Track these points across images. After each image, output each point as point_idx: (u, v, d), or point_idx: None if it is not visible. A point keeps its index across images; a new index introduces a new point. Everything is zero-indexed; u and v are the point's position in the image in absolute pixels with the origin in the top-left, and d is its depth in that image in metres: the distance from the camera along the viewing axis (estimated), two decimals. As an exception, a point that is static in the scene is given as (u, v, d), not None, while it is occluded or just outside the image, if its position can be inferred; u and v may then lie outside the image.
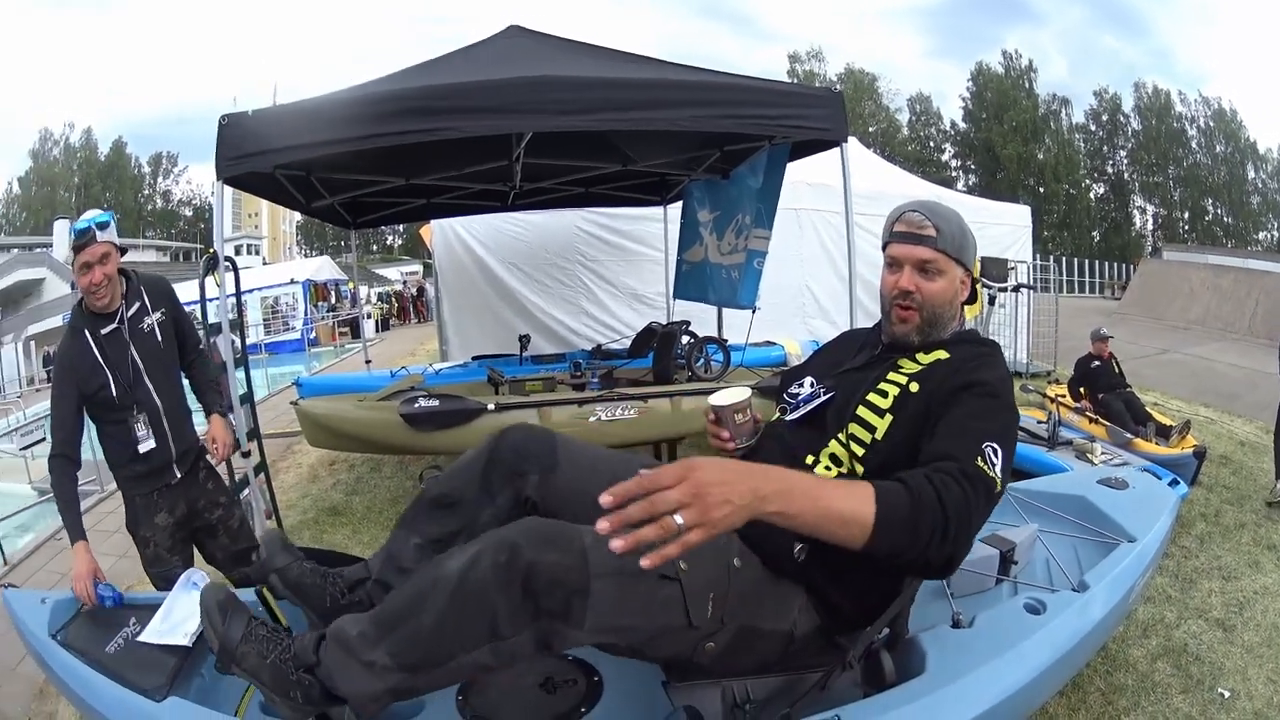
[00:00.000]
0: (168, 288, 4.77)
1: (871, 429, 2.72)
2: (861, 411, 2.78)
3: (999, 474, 2.46)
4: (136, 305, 4.47)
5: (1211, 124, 73.65)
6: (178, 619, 3.27)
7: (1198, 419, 12.87)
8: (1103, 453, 8.53)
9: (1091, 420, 10.63)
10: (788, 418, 3.03)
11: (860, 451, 2.72)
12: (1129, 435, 9.92)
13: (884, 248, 3.00)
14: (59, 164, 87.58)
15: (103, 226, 4.23)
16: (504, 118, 5.84)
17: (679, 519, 1.90)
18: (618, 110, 6.01)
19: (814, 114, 6.71)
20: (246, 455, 5.65)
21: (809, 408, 2.97)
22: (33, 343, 46.38)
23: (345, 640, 2.46)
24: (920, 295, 2.85)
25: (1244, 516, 8.29)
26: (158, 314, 4.54)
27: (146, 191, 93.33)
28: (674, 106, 6.12)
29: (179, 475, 4.59)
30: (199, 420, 4.88)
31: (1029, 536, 4.14)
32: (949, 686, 2.70)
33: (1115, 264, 56.56)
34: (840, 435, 2.78)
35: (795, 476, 2.22)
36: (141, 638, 3.11)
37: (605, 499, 1.95)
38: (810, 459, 2.82)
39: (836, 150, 7.11)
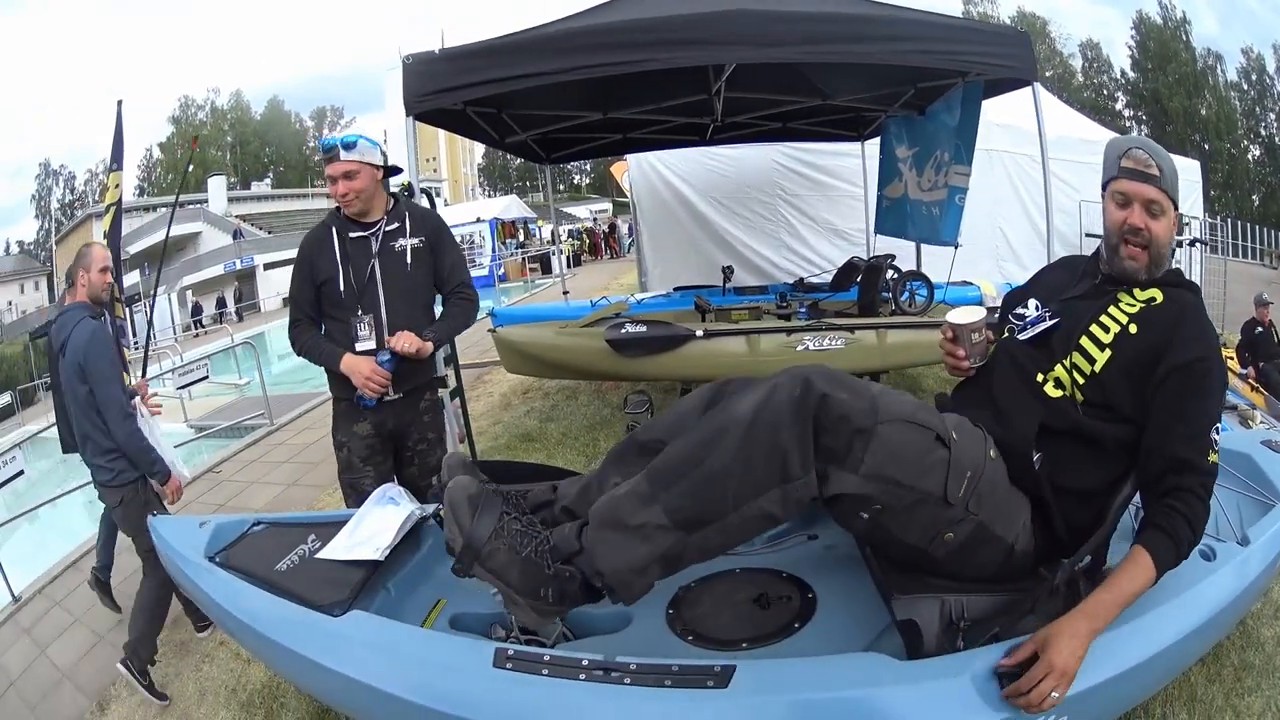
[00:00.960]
0: (438, 221, 4.94)
1: (1092, 360, 2.85)
2: (1084, 342, 2.89)
3: (1219, 446, 2.77)
4: (395, 225, 4.67)
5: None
6: (368, 533, 3.27)
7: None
8: (1262, 421, 8.48)
9: (1252, 388, 10.55)
10: (1019, 336, 3.13)
11: (1081, 380, 2.87)
12: (1287, 406, 9.61)
13: (1108, 180, 3.04)
14: (207, 125, 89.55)
15: (349, 146, 4.49)
16: (706, 49, 5.90)
17: (1055, 694, 2.43)
18: (815, 43, 6.04)
19: (1004, 52, 6.76)
20: (444, 384, 5.50)
21: (1038, 329, 3.07)
22: (189, 293, 47.71)
23: (611, 508, 2.52)
24: (1149, 233, 2.91)
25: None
26: (415, 239, 4.69)
27: (311, 144, 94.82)
28: (869, 41, 6.15)
29: (395, 394, 4.67)
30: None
31: None
32: (1125, 624, 2.76)
33: (1274, 230, 55.13)
34: (1065, 361, 2.91)
35: (1106, 599, 2.61)
36: (323, 554, 3.13)
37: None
38: (1040, 377, 2.95)
39: (1024, 92, 7.17)
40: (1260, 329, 11.63)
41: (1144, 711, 4.06)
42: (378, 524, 3.30)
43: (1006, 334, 3.23)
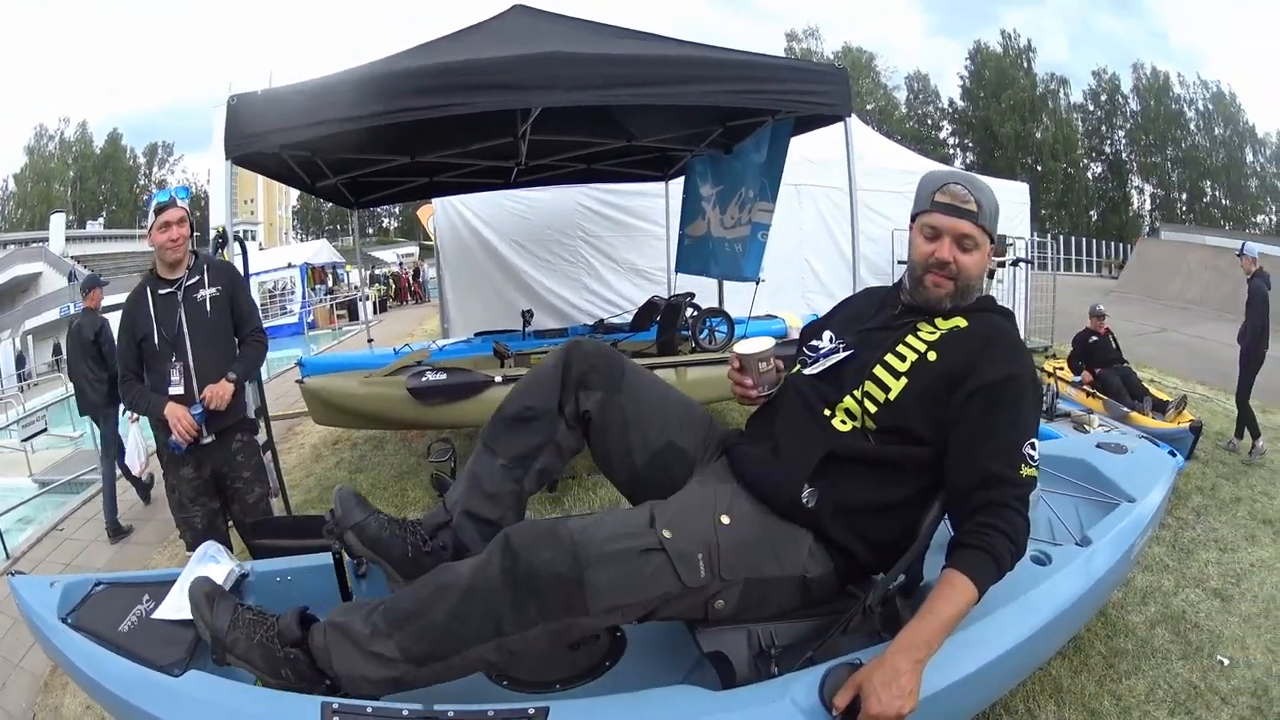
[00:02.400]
0: (232, 271, 5.53)
1: (886, 389, 2.82)
2: (879, 371, 2.87)
3: (1037, 462, 2.75)
4: (195, 278, 5.14)
5: (1210, 106, 73.42)
6: None
7: (1194, 396, 12.91)
8: (1100, 425, 8.65)
9: (1089, 394, 10.74)
10: (807, 370, 3.10)
11: (873, 409, 2.82)
12: (1125, 409, 10.00)
13: (919, 213, 3.04)
14: (55, 159, 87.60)
15: (181, 197, 5.15)
16: (513, 94, 5.91)
17: None
18: (625, 86, 6.06)
19: (818, 89, 6.80)
20: (255, 428, 5.78)
21: (829, 362, 3.04)
22: (30, 337, 46.24)
23: (351, 630, 2.57)
24: (957, 266, 2.91)
25: (1240, 491, 8.38)
26: (213, 289, 5.17)
27: (142, 182, 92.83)
28: (680, 83, 6.19)
29: (208, 436, 5.11)
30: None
31: (1032, 494, 4.16)
32: (960, 633, 2.73)
33: (1113, 243, 56.42)
34: (856, 392, 2.86)
35: (923, 628, 2.53)
36: (157, 614, 3.08)
37: None
38: (827, 411, 2.91)
39: (836, 126, 7.22)
40: (1096, 337, 11.84)
41: (1005, 709, 4.20)
42: None
43: (797, 368, 3.21)
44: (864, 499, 2.82)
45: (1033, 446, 2.73)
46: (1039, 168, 75.72)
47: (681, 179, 10.88)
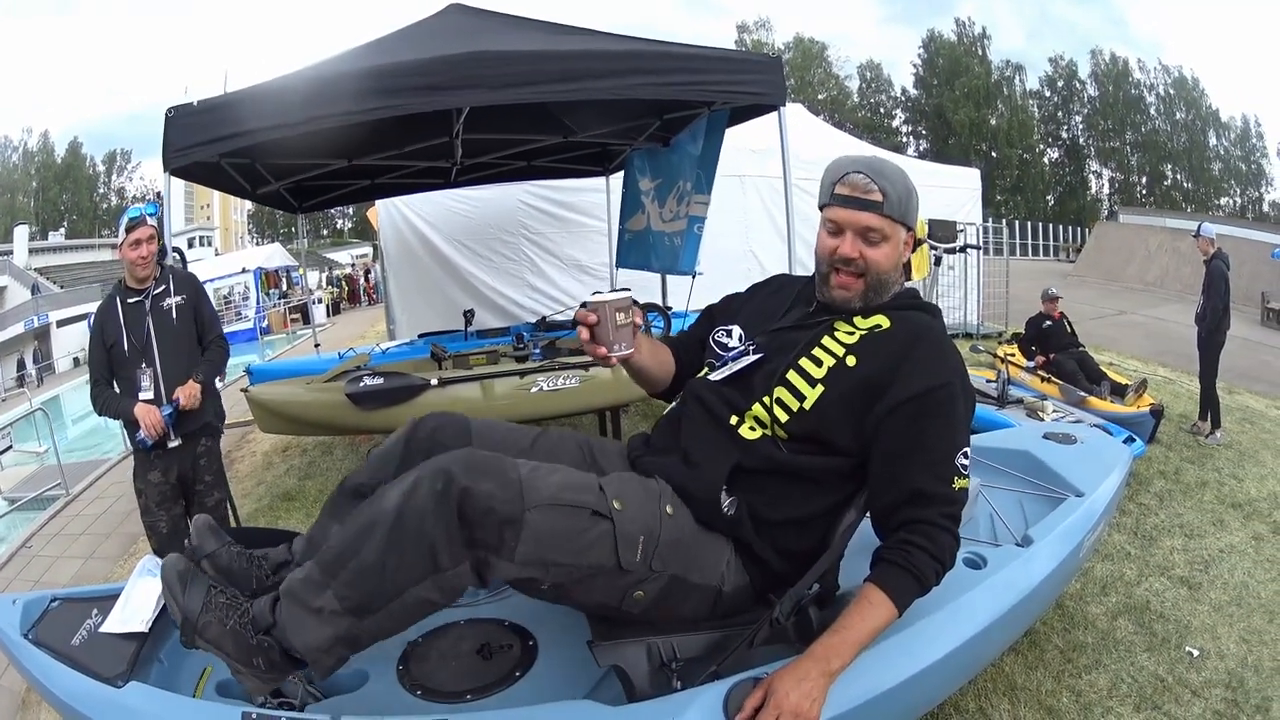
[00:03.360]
0: (195, 281, 5.82)
1: (801, 397, 2.67)
2: (792, 377, 2.71)
3: (969, 471, 2.64)
4: (162, 288, 5.45)
5: (1171, 91, 74.19)
6: (135, 605, 3.21)
7: (1155, 379, 12.94)
8: (1054, 411, 8.53)
9: (1044, 379, 10.67)
10: (712, 377, 2.94)
11: (784, 418, 2.67)
12: (1082, 394, 9.91)
13: (821, 207, 2.86)
14: (18, 170, 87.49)
15: (151, 214, 5.41)
16: (440, 94, 5.86)
17: None
18: (554, 82, 6.01)
19: (752, 79, 6.77)
20: (219, 431, 5.97)
21: (736, 367, 2.87)
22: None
23: (294, 591, 2.44)
24: (864, 262, 2.74)
25: (1206, 475, 8.28)
26: (179, 298, 5.50)
27: (101, 190, 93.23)
28: (611, 76, 6.14)
29: (175, 439, 5.38)
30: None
31: (971, 492, 3.88)
32: (881, 643, 2.64)
33: (1070, 227, 56.95)
34: (766, 399, 2.72)
35: (835, 641, 2.47)
36: (103, 628, 3.07)
37: None
38: (734, 419, 2.76)
39: (786, 118, 7.16)
40: (1050, 322, 11.77)
41: (955, 708, 4.09)
42: (142, 596, 3.25)
43: (705, 371, 3.04)
44: (781, 512, 2.70)
45: (965, 456, 2.61)
46: (994, 154, 76.52)
47: (622, 173, 10.86)
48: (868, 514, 2.76)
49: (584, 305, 2.86)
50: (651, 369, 3.13)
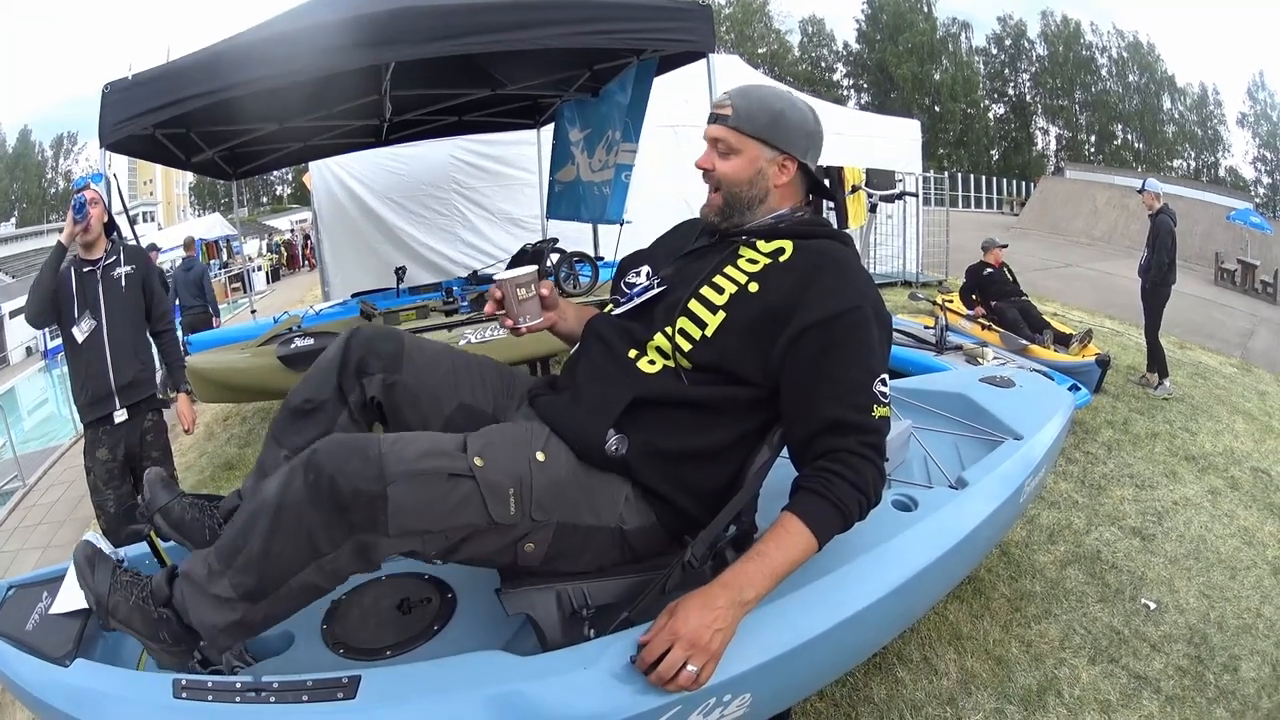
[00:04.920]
0: (143, 254, 5.97)
1: (702, 325, 2.63)
2: (693, 305, 2.68)
3: (889, 400, 2.57)
4: (113, 259, 5.58)
5: (1125, 55, 74.90)
6: (77, 583, 3.24)
7: (1102, 330, 13.06)
8: (995, 358, 8.57)
9: (984, 327, 10.65)
10: (615, 312, 2.96)
11: (686, 347, 2.62)
12: (1024, 342, 9.91)
13: None
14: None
15: (95, 181, 5.77)
16: (362, 51, 5.82)
17: (691, 667, 2.27)
18: (477, 33, 5.99)
19: (680, 26, 6.81)
20: (165, 405, 6.22)
21: (637, 301, 2.88)
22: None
23: (194, 576, 2.47)
24: (716, 175, 2.77)
25: (1156, 426, 8.35)
26: (128, 268, 5.63)
27: (50, 175, 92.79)
28: (536, 26, 6.11)
29: (120, 410, 5.52)
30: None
31: (902, 433, 3.95)
32: (802, 589, 2.64)
33: (1015, 181, 57.65)
34: (668, 329, 2.68)
35: (750, 569, 2.40)
36: (52, 610, 3.06)
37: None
38: (633, 353, 2.74)
39: (722, 67, 7.28)
40: (990, 269, 11.79)
41: (898, 657, 4.07)
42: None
43: (609, 307, 3.04)
44: (681, 445, 2.63)
45: (883, 384, 2.54)
46: (937, 108, 77.11)
47: (553, 126, 10.88)
48: (784, 453, 2.69)
49: (494, 281, 2.98)
50: (578, 334, 3.09)
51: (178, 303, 14.58)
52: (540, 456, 2.56)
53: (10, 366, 43.02)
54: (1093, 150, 75.47)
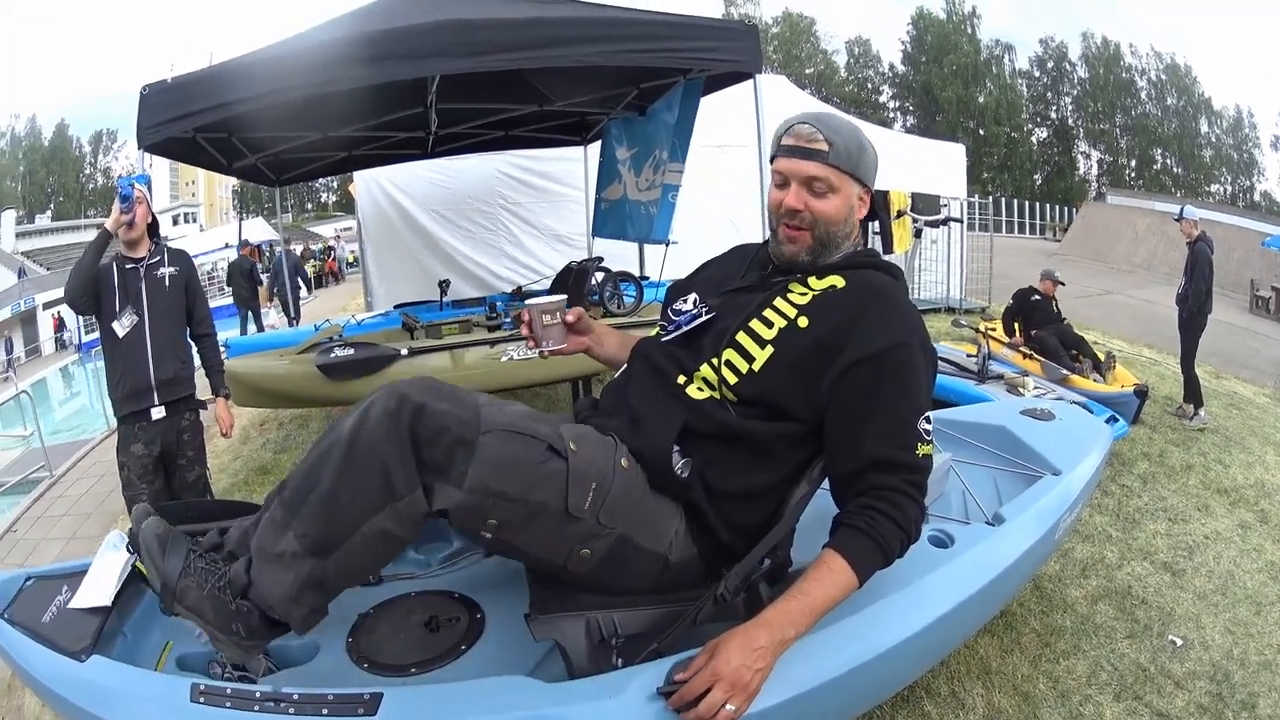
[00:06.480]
0: (188, 258, 5.98)
1: (750, 358, 2.59)
2: (741, 338, 2.63)
3: (933, 437, 2.54)
4: (157, 259, 5.63)
5: (1163, 77, 74.68)
6: (101, 580, 3.21)
7: (1140, 359, 12.95)
8: (1036, 387, 8.44)
9: (1026, 356, 10.53)
10: (663, 338, 2.88)
11: (733, 380, 2.59)
12: (1065, 371, 9.83)
13: (771, 161, 2.79)
14: (4, 155, 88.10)
15: (140, 182, 5.57)
16: (409, 63, 5.82)
17: (730, 707, 2.21)
18: (523, 49, 5.96)
19: (728, 46, 6.74)
20: (203, 405, 6.13)
21: (687, 329, 2.82)
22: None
23: (263, 541, 2.40)
24: (811, 215, 2.65)
25: (1191, 458, 8.23)
26: (172, 269, 5.69)
27: (88, 170, 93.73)
28: (581, 43, 6.09)
29: (159, 407, 5.55)
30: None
31: (942, 466, 3.94)
32: (835, 624, 2.60)
33: (1057, 206, 57.22)
34: (715, 359, 2.63)
35: (792, 608, 2.36)
36: (71, 604, 3.09)
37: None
38: (681, 379, 2.69)
39: (768, 87, 7.25)
40: (1039, 297, 11.69)
41: (926, 691, 4.01)
42: (107, 570, 3.25)
43: (656, 332, 2.99)
44: (729, 482, 2.61)
45: (927, 421, 2.51)
46: (981, 131, 77.06)
47: (599, 143, 10.82)
48: (822, 486, 2.67)
49: (523, 306, 3.08)
50: (619, 358, 3.12)
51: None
52: (625, 463, 2.55)
53: (42, 358, 43.29)
54: (1133, 174, 75.15)
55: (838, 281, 2.66)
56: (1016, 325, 11.61)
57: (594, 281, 8.74)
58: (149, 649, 3.08)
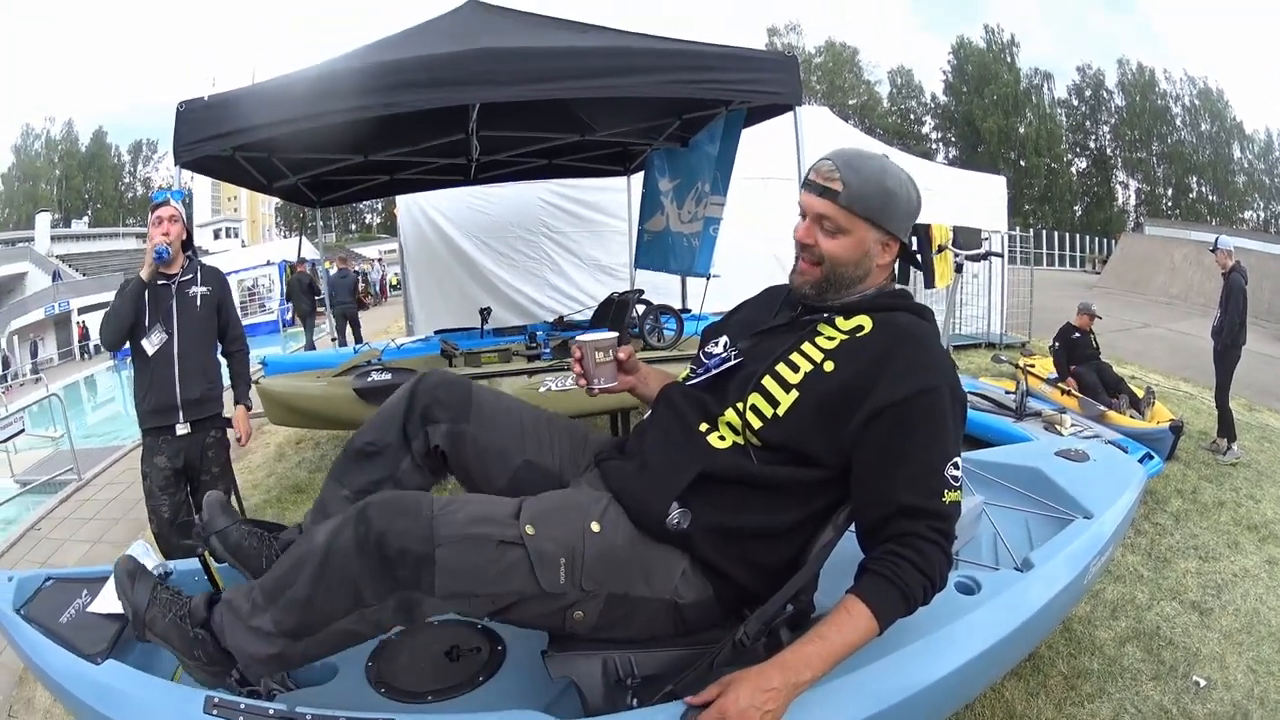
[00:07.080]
0: (222, 276, 5.92)
1: (775, 403, 2.56)
2: (767, 382, 2.61)
3: (961, 483, 2.50)
4: (189, 276, 5.57)
5: (1197, 102, 74.39)
6: None
7: (1177, 394, 12.84)
8: (1073, 424, 8.45)
9: (1064, 392, 10.49)
10: (690, 382, 2.89)
11: (757, 424, 2.56)
12: (1102, 408, 9.76)
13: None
14: (40, 158, 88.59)
15: (177, 196, 5.51)
16: (449, 90, 5.84)
17: None
18: (563, 79, 5.98)
19: (768, 78, 6.71)
20: (229, 424, 6.06)
21: (714, 372, 2.81)
22: (15, 338, 46.17)
23: (236, 606, 2.52)
24: (819, 250, 2.66)
25: (1223, 494, 8.15)
26: (205, 288, 5.62)
27: (127, 180, 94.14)
28: (622, 74, 6.10)
29: (184, 422, 5.52)
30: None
31: (973, 509, 3.91)
32: (856, 671, 2.58)
33: (1096, 238, 56.91)
34: (740, 404, 2.61)
35: (809, 651, 2.33)
36: (90, 608, 3.12)
37: None
38: (703, 426, 2.69)
39: (809, 119, 7.21)
40: (1078, 334, 11.67)
41: (948, 734, 3.91)
42: None
43: (685, 374, 3.00)
44: (746, 523, 2.59)
45: (955, 467, 2.45)
46: (1022, 163, 76.85)
47: (642, 174, 10.85)
48: (848, 532, 2.65)
49: (574, 342, 3.09)
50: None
51: (329, 300, 19.15)
52: (595, 527, 2.55)
53: (76, 361, 43.47)
54: (1170, 204, 74.82)
55: (865, 323, 2.65)
56: (1063, 363, 11.58)
57: (635, 314, 8.73)
58: (165, 660, 3.08)
